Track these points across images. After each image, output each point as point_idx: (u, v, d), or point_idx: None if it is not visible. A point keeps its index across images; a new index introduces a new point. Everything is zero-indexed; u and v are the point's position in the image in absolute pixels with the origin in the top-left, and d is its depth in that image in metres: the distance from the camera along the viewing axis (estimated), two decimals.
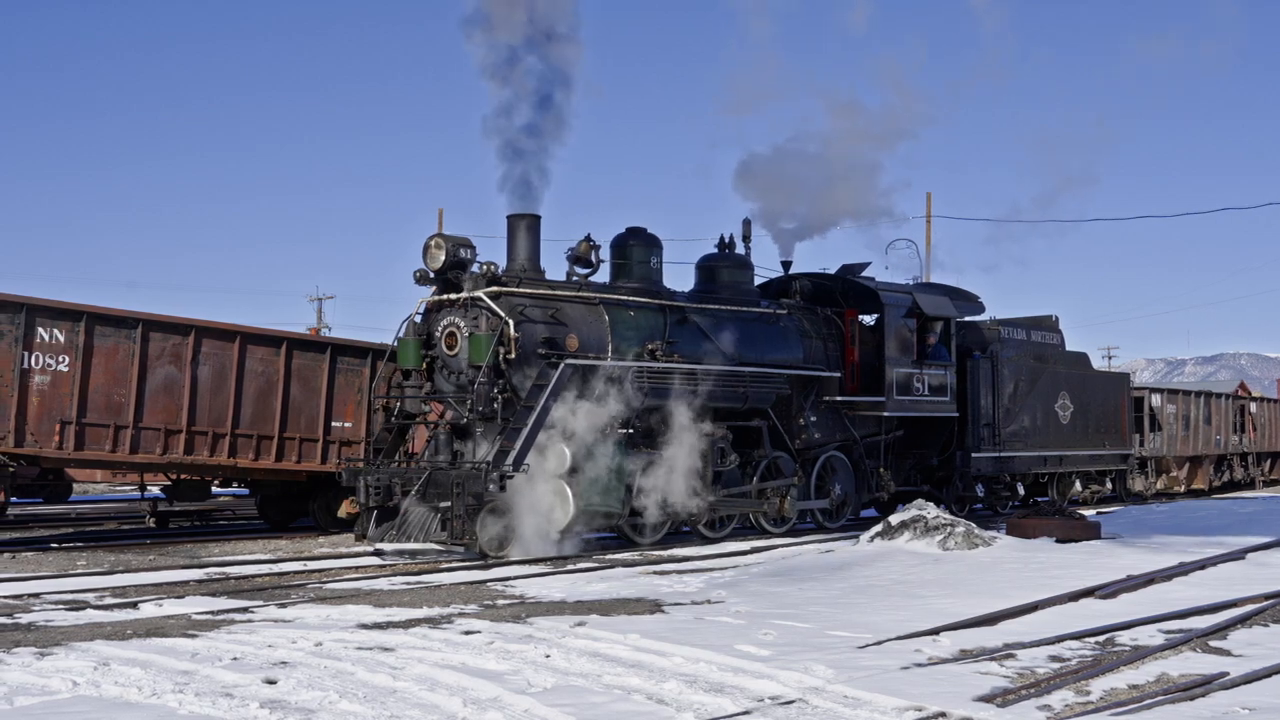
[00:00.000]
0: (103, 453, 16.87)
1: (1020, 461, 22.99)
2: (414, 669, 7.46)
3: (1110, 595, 11.09)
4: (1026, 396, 22.95)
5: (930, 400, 20.71)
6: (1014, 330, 23.60)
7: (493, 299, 15.36)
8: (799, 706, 6.63)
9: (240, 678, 7.16)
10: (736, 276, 18.80)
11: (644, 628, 9.10)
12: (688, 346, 17.22)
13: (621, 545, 16.36)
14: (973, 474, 21.92)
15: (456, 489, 14.26)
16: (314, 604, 10.59)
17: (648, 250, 17.56)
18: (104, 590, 11.58)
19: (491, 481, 14.22)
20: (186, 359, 17.38)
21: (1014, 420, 22.59)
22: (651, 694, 6.90)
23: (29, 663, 7.59)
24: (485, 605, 10.54)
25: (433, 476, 14.84)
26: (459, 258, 15.64)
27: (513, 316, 15.27)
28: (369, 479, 15.20)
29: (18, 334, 15.89)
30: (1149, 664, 7.93)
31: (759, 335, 18.40)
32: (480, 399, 14.97)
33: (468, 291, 15.54)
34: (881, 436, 20.30)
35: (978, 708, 6.58)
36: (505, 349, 15.16)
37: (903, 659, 7.93)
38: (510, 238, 16.34)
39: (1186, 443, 32.77)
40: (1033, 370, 23.26)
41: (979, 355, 22.09)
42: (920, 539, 15.22)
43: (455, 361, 15.54)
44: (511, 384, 15.30)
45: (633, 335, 16.64)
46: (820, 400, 19.33)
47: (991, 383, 22.07)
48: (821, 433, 19.41)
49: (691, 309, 17.60)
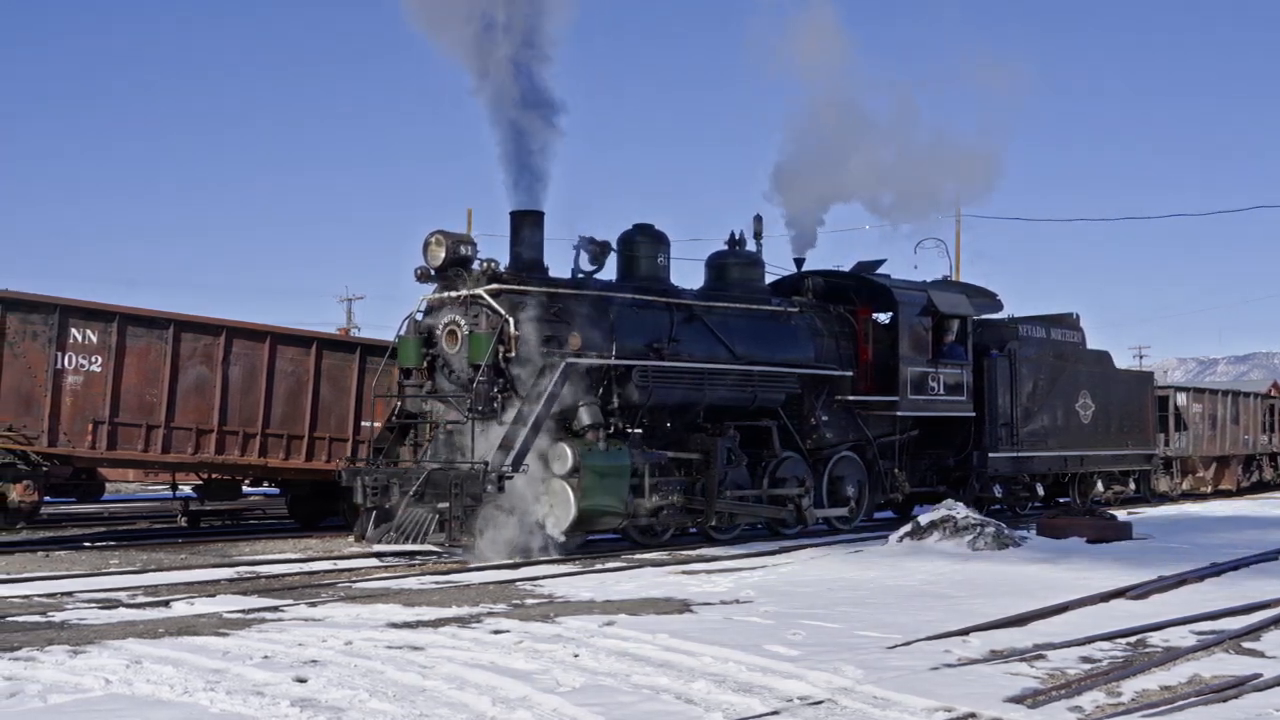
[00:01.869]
0: (135, 452, 17.00)
1: (1039, 462, 22.68)
2: (443, 668, 7.48)
3: (1141, 596, 11.03)
4: (1046, 396, 22.65)
5: (946, 400, 20.39)
6: (1033, 328, 23.22)
7: (493, 296, 15.07)
8: (828, 707, 6.62)
9: (271, 676, 7.20)
10: (746, 274, 18.49)
11: (673, 627, 9.10)
12: (694, 345, 16.90)
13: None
14: (990, 474, 21.58)
15: (454, 490, 14.03)
16: (344, 603, 10.64)
17: (655, 247, 17.24)
18: (136, 589, 11.65)
19: (490, 482, 13.97)
20: (218, 359, 17.49)
21: (1033, 420, 22.28)
22: (680, 694, 6.89)
23: (62, 661, 7.65)
24: (514, 605, 10.56)
25: (431, 477, 14.55)
26: (459, 254, 15.35)
27: (513, 314, 15.00)
28: (365, 479, 14.96)
29: (51, 334, 16.03)
30: (1181, 665, 7.88)
31: (769, 334, 18.10)
32: (480, 398, 14.70)
33: (468, 289, 15.24)
34: (896, 436, 19.93)
35: (1008, 709, 6.55)
36: (505, 347, 14.90)
37: (932, 659, 7.90)
38: (513, 234, 15.97)
39: (1213, 442, 32.39)
40: (1052, 369, 22.94)
41: (996, 354, 21.76)
42: (949, 539, 15.19)
43: (456, 360, 15.26)
44: (512, 383, 15.02)
45: (637, 333, 16.28)
46: (832, 400, 18.95)
47: (1009, 381, 21.77)
48: (834, 433, 19.04)
49: (699, 307, 17.26)
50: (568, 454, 14.69)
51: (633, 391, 15.80)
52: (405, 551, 14.42)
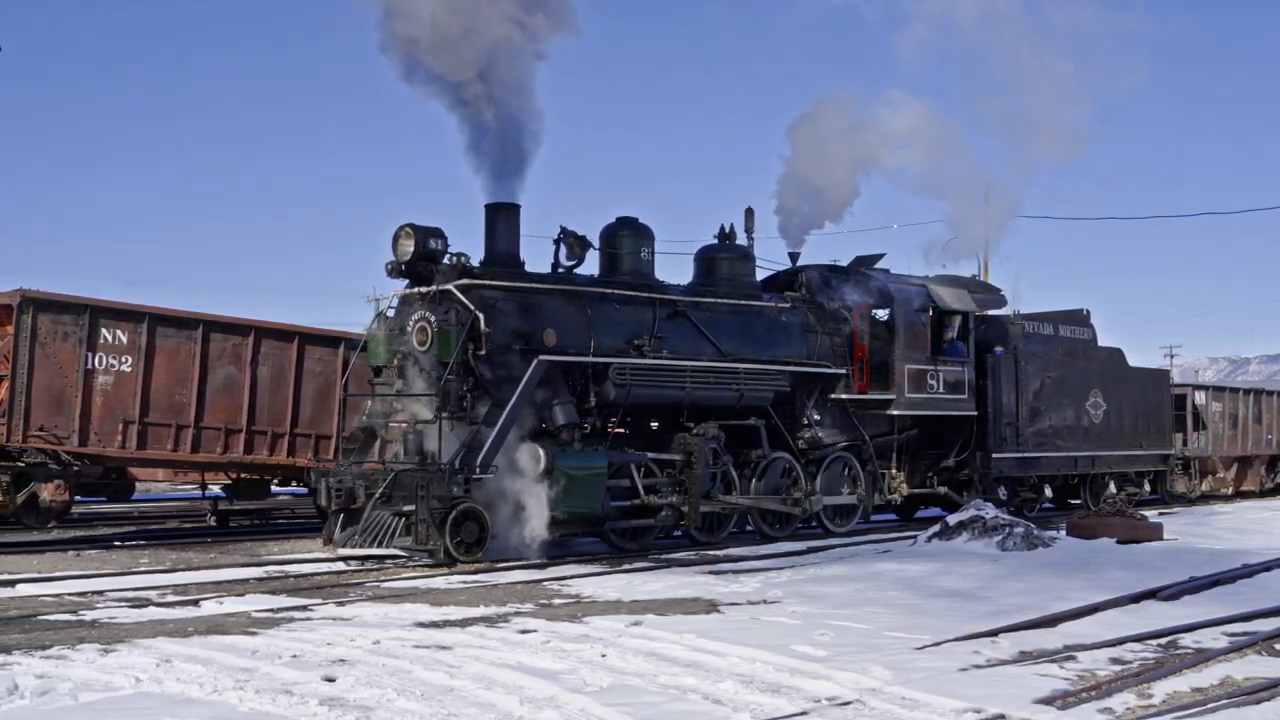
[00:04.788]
0: (164, 452, 17.11)
1: (1047, 463, 22.05)
2: (471, 667, 7.49)
3: (1173, 597, 10.94)
4: (1054, 394, 22.00)
5: (946, 398, 19.75)
6: (1040, 325, 22.44)
7: (464, 292, 14.50)
8: (856, 708, 6.60)
9: (299, 675, 7.23)
10: (736, 269, 17.88)
11: (700, 627, 9.09)
12: (678, 342, 16.36)
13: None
14: (994, 475, 20.87)
15: (421, 492, 13.57)
16: (372, 602, 10.67)
17: (638, 241, 16.68)
18: (166, 588, 11.72)
19: (455, 484, 13.62)
20: (246, 359, 17.58)
21: (1040, 419, 21.65)
22: (708, 694, 6.88)
23: (93, 659, 7.71)
24: (541, 604, 10.57)
25: (398, 478, 13.95)
26: (429, 249, 14.73)
27: (484, 310, 14.47)
28: (330, 480, 14.35)
29: (82, 335, 16.15)
30: (1212, 667, 7.82)
31: (758, 330, 17.51)
32: (448, 397, 14.18)
33: (438, 284, 14.69)
34: (894, 436, 19.23)
35: (1037, 710, 6.51)
36: (476, 344, 14.36)
37: (961, 660, 7.87)
38: (488, 228, 15.46)
39: (1234, 442, 31.43)
40: (1061, 366, 22.29)
41: (1001, 351, 21.11)
42: (978, 539, 15.10)
43: (426, 358, 14.65)
44: (482, 381, 14.49)
45: (617, 330, 15.78)
46: (825, 398, 18.34)
47: (1014, 379, 21.13)
48: (827, 432, 18.34)
49: (684, 303, 16.69)
50: (540, 455, 14.30)
51: (610, 390, 15.32)
52: (372, 556, 13.99)
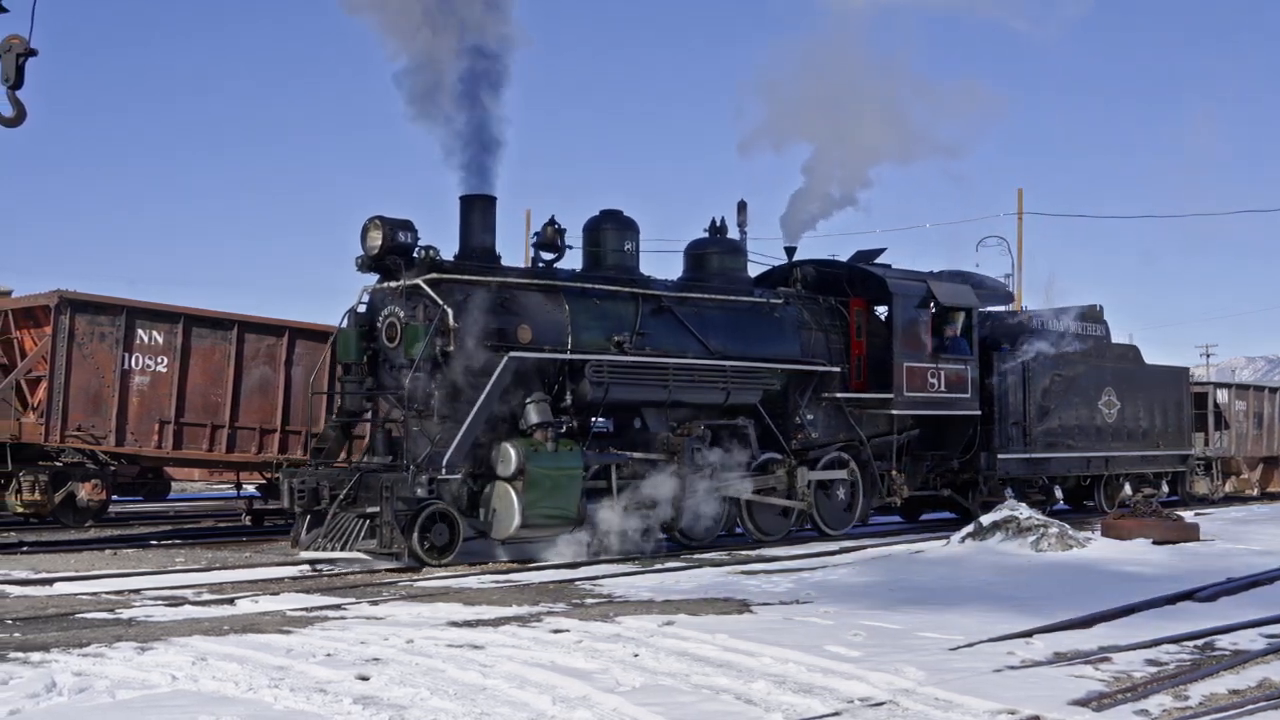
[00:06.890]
0: (200, 452, 17.25)
1: (1057, 463, 21.54)
2: (503, 667, 7.51)
3: (1209, 598, 10.86)
4: (1064, 393, 21.49)
5: (947, 397, 19.12)
6: (1050, 321, 21.88)
7: (433, 286, 14.13)
8: (889, 708, 6.57)
9: (334, 674, 7.26)
10: (726, 263, 17.35)
11: (732, 627, 9.09)
12: (662, 338, 15.87)
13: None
14: (1000, 476, 20.43)
15: (385, 493, 13.21)
16: (405, 601, 10.71)
17: (622, 235, 16.22)
18: (202, 586, 11.81)
19: (419, 485, 13.30)
20: (280, 359, 17.69)
21: (1049, 418, 21.13)
22: (740, 694, 6.88)
23: (130, 657, 7.77)
24: (573, 604, 10.58)
25: (363, 479, 13.62)
26: (398, 242, 14.32)
27: (453, 305, 14.06)
28: (294, 481, 13.98)
29: (118, 336, 16.30)
30: (1250, 669, 7.75)
31: (748, 326, 16.93)
32: (415, 395, 13.83)
33: (407, 279, 14.31)
34: (894, 436, 18.60)
35: (1072, 711, 6.47)
36: (444, 340, 13.96)
37: (995, 661, 7.83)
38: (462, 221, 15.00)
39: (1259, 442, 30.60)
40: (1071, 364, 21.71)
41: (1007, 348, 20.66)
42: (1012, 540, 15.01)
43: (395, 354, 14.28)
44: (451, 378, 14.03)
45: (597, 326, 15.30)
46: (820, 397, 17.73)
47: (1021, 378, 20.63)
48: (822, 432, 17.81)
49: (669, 298, 16.18)
50: (511, 455, 13.95)
51: (587, 388, 14.85)
52: (336, 559, 13.60)
